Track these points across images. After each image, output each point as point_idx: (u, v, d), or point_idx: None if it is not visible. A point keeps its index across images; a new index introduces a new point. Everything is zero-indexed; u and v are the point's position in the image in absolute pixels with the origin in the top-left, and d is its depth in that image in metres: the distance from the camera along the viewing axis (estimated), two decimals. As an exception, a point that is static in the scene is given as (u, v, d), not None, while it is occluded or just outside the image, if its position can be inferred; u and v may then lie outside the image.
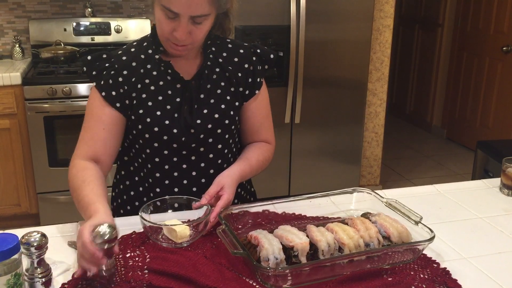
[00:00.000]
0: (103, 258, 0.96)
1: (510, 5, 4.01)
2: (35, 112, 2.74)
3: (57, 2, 3.23)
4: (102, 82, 1.29)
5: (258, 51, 1.40)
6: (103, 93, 1.28)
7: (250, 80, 1.38)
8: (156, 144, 1.30)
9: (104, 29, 3.24)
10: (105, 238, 0.95)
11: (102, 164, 1.29)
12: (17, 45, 3.14)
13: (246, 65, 1.37)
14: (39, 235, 0.94)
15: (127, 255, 1.10)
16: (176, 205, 1.26)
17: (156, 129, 1.28)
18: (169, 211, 1.25)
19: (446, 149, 4.71)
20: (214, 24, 1.31)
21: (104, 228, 0.96)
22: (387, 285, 1.01)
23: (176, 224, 1.15)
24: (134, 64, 1.30)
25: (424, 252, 1.12)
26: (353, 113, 3.27)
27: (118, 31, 3.25)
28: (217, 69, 1.35)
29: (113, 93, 1.28)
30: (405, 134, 5.11)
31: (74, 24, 3.20)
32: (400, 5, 5.30)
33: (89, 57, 1.31)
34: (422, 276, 1.05)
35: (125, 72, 1.29)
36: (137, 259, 1.08)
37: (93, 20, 3.24)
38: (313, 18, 2.98)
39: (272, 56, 1.41)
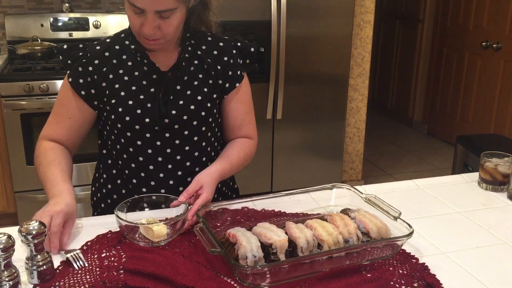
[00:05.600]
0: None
1: (489, 1, 4.05)
2: (11, 109, 2.69)
3: (34, -3, 3.17)
4: (73, 70, 1.30)
5: (239, 44, 1.40)
6: (70, 79, 1.31)
7: (230, 73, 1.37)
8: (128, 134, 1.30)
9: (82, 25, 3.19)
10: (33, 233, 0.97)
11: (67, 148, 1.35)
12: (-7, 41, 3.08)
13: (226, 58, 1.37)
14: (5, 237, 0.91)
15: (103, 255, 1.07)
16: (151, 202, 1.25)
17: (127, 118, 1.28)
18: (146, 209, 1.23)
19: (427, 144, 4.75)
20: (191, 16, 1.32)
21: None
22: (366, 281, 1.01)
23: (153, 222, 1.13)
24: (107, 54, 1.31)
25: (403, 247, 1.12)
26: (335, 108, 3.28)
27: (96, 26, 3.19)
28: (195, 61, 1.35)
29: (80, 80, 1.30)
30: (386, 129, 5.14)
31: (52, 19, 3.14)
32: (381, 0, 5.32)
33: (65, 46, 1.34)
34: (401, 271, 1.05)
35: (96, 62, 1.30)
36: (112, 259, 1.06)
37: (71, 15, 3.18)
38: (294, 13, 2.97)
39: (252, 49, 1.41)
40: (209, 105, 1.34)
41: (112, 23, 3.24)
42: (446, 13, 4.60)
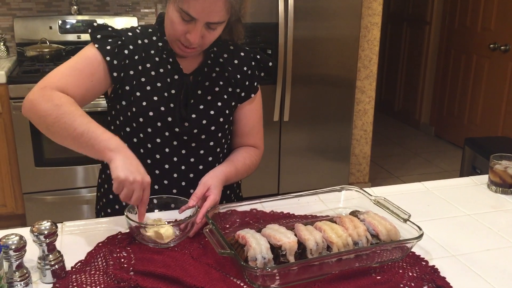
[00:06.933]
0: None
1: (497, 3, 4.04)
2: (20, 111, 2.70)
3: (42, 0, 3.18)
4: (108, 47, 1.26)
5: (258, 56, 1.42)
6: (108, 58, 1.25)
7: (247, 83, 1.39)
8: (149, 130, 1.29)
9: (91, 27, 3.20)
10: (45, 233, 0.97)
11: None
12: (2, 44, 3.09)
13: (245, 68, 1.39)
14: (17, 237, 0.91)
15: (114, 255, 1.08)
16: (160, 203, 1.25)
17: (151, 113, 1.28)
18: (155, 210, 1.23)
19: (434, 146, 4.73)
20: (225, 28, 1.32)
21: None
22: (375, 284, 1.01)
23: (161, 224, 1.13)
24: (139, 42, 1.30)
25: (412, 250, 1.12)
26: (342, 110, 3.27)
27: (104, 29, 3.21)
28: (217, 68, 1.36)
29: (115, 62, 1.26)
30: (393, 131, 5.13)
31: (60, 22, 3.16)
32: (388, 2, 5.32)
33: (95, 24, 1.31)
34: (410, 274, 1.05)
35: (131, 47, 1.29)
36: (123, 260, 1.06)
37: (79, 17, 3.20)
38: (301, 15, 2.97)
39: (270, 64, 1.44)
40: (227, 112, 1.35)
41: (120, 26, 3.23)
42: (453, 15, 4.58)
